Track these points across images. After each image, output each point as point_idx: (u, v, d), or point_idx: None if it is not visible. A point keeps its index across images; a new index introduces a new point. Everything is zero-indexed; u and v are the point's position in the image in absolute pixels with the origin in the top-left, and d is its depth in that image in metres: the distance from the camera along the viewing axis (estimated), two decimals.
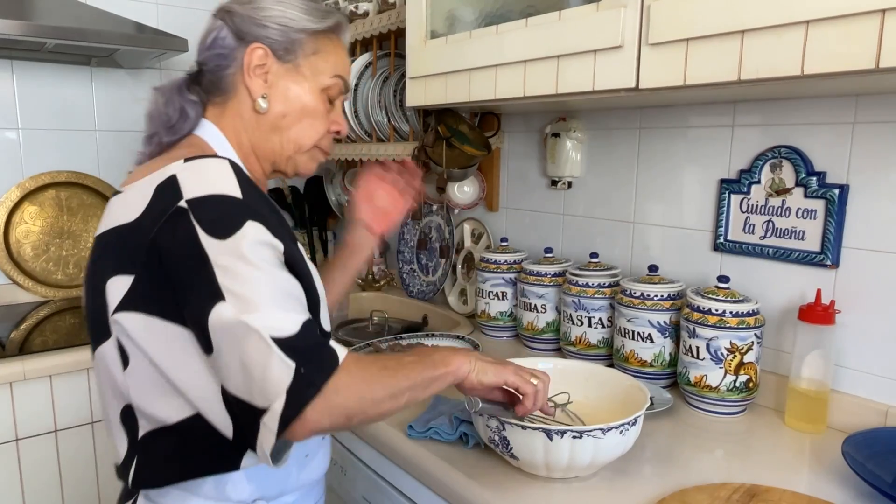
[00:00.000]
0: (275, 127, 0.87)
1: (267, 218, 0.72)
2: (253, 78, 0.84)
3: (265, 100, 0.85)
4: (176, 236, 0.69)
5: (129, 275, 0.72)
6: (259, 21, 0.84)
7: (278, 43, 0.85)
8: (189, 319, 0.70)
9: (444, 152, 1.57)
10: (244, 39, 0.84)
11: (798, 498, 0.84)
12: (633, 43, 0.96)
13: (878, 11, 0.71)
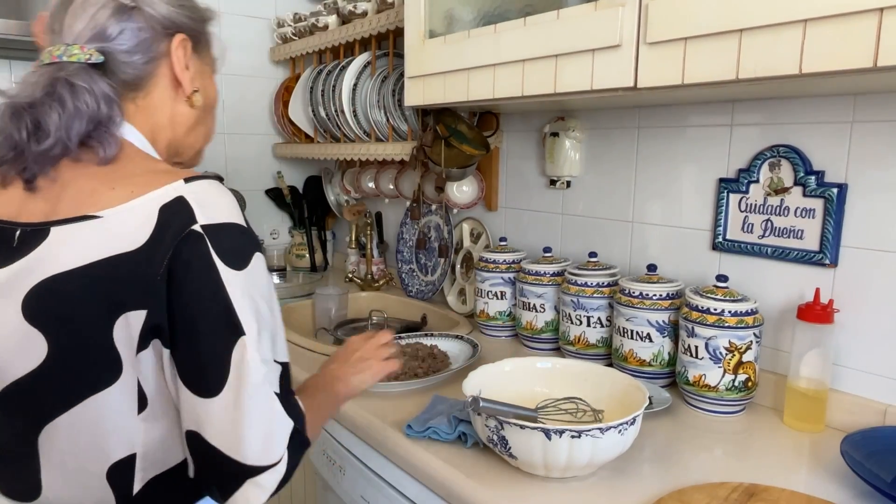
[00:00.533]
0: (198, 121, 0.84)
1: (261, 246, 0.72)
2: (183, 73, 0.79)
3: (198, 95, 0.81)
4: (191, 264, 0.64)
5: (142, 309, 0.64)
6: (178, 10, 0.78)
7: (196, 33, 0.81)
8: (198, 354, 0.65)
9: (442, 152, 1.57)
10: (165, 30, 0.77)
11: (797, 497, 0.84)
12: (631, 42, 0.96)
13: (875, 10, 0.71)
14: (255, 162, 2.35)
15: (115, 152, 0.71)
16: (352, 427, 1.16)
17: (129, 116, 0.76)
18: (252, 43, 2.27)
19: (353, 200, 2.28)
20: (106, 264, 0.64)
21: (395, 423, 1.08)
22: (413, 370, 1.28)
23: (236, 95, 2.25)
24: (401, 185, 1.94)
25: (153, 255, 0.64)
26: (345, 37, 1.84)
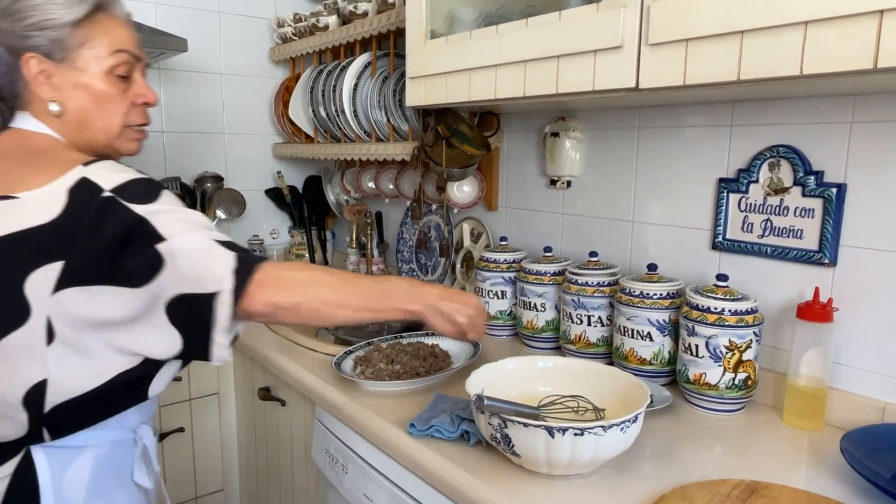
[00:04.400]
0: (80, 122, 0.94)
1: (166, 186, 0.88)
2: (39, 86, 0.90)
3: (55, 103, 0.91)
4: (111, 217, 0.81)
5: (56, 262, 0.80)
6: (21, 32, 0.88)
7: (47, 46, 0.89)
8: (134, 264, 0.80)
9: (443, 152, 1.57)
10: (17, 53, 0.88)
11: (797, 494, 0.85)
12: (632, 43, 0.96)
13: (876, 12, 0.71)
14: (254, 162, 2.35)
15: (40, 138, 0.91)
16: (354, 426, 1.17)
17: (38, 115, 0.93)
18: (252, 43, 2.27)
19: (353, 200, 2.29)
20: (22, 234, 0.81)
21: (398, 422, 1.09)
22: (415, 369, 1.29)
23: (236, 95, 2.25)
24: (401, 184, 1.95)
25: (68, 223, 0.81)
26: (345, 37, 1.85)
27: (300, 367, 1.39)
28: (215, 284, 0.81)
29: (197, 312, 0.81)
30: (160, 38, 1.73)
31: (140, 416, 0.98)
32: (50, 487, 0.87)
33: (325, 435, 1.30)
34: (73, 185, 0.82)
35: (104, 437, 0.92)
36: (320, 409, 1.32)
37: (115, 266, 0.80)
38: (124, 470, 0.96)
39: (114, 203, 0.81)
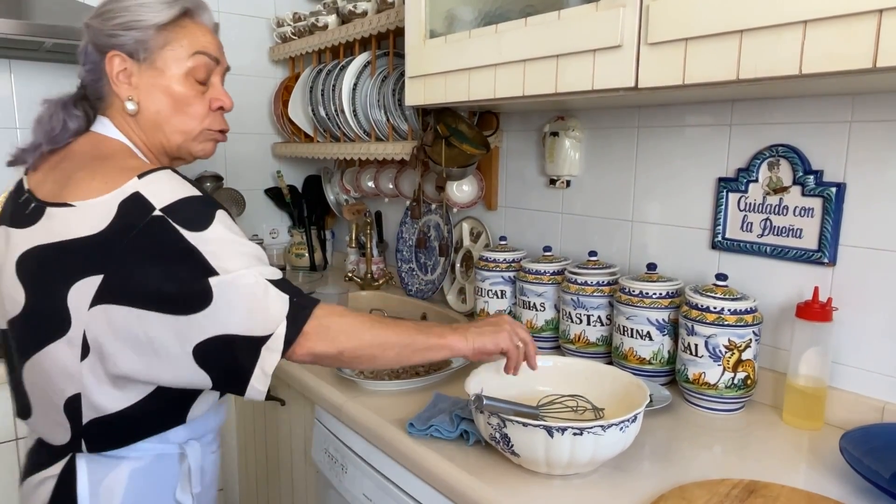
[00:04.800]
0: (155, 124, 0.95)
1: (220, 204, 0.86)
2: (119, 84, 0.92)
3: (132, 101, 0.93)
4: (158, 239, 0.79)
5: (97, 275, 0.79)
6: (109, 31, 0.91)
7: (131, 46, 0.91)
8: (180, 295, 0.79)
9: (443, 151, 1.57)
10: (103, 51, 0.92)
11: (796, 493, 0.85)
12: (632, 42, 0.96)
13: (875, 11, 0.71)
14: (254, 161, 2.35)
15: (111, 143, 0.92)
16: (354, 425, 1.17)
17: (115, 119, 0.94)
18: (251, 42, 2.27)
19: (353, 200, 2.29)
20: (72, 244, 0.81)
21: (397, 422, 1.09)
22: (414, 369, 1.29)
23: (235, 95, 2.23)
24: (400, 184, 1.95)
25: (113, 237, 0.79)
26: (344, 36, 1.85)
27: (300, 366, 1.39)
28: (265, 328, 0.80)
29: (235, 353, 0.80)
30: None
31: (188, 432, 0.95)
32: (87, 495, 0.88)
33: (325, 434, 1.30)
34: (125, 198, 0.81)
35: (145, 450, 0.91)
36: (320, 409, 1.32)
37: (157, 291, 0.79)
38: (166, 486, 0.93)
39: (163, 224, 0.80)
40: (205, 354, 0.80)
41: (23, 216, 0.87)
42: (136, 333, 0.80)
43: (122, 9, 0.91)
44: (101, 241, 0.80)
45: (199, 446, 0.96)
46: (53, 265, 0.82)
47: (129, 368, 0.82)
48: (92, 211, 0.81)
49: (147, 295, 0.79)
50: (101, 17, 0.92)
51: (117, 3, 0.92)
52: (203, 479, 0.98)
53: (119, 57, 0.91)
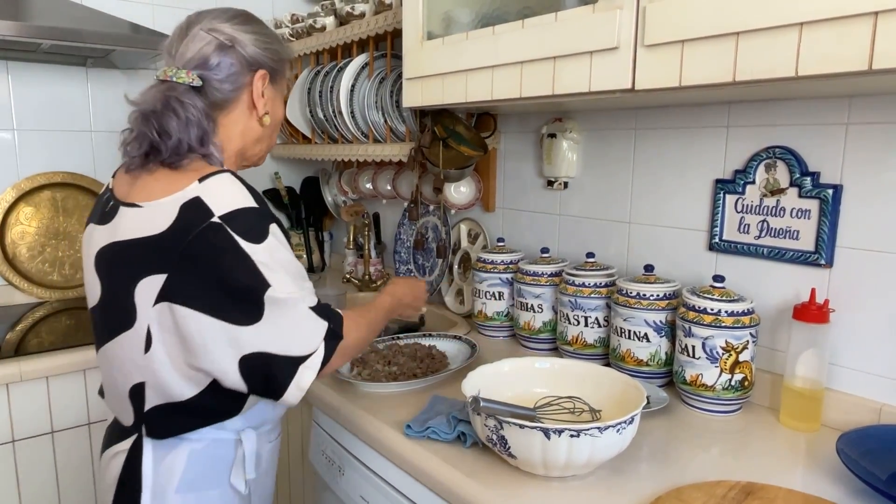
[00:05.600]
0: (263, 136, 1.07)
1: (274, 217, 0.92)
2: (259, 100, 1.02)
3: (268, 116, 1.04)
4: (216, 245, 0.85)
5: (161, 274, 0.86)
6: (262, 52, 1.01)
7: (273, 69, 1.03)
8: (233, 304, 0.86)
9: (440, 153, 1.57)
10: (250, 66, 1.00)
11: (793, 495, 0.85)
12: (628, 44, 0.96)
13: (870, 14, 0.71)
14: None
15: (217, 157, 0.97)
16: (351, 427, 1.17)
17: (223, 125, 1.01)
18: None
19: (351, 201, 2.29)
20: (138, 242, 0.88)
21: (395, 424, 1.09)
22: (412, 370, 1.28)
23: None
24: (398, 185, 1.95)
25: (174, 239, 0.85)
26: (342, 38, 1.85)
27: None
28: (304, 349, 0.90)
29: (273, 370, 0.88)
30: (156, 38, 1.73)
31: (244, 421, 1.00)
32: (150, 471, 0.96)
33: (322, 437, 1.30)
34: (186, 201, 0.87)
35: (203, 434, 0.97)
36: (317, 411, 1.32)
37: (213, 296, 0.85)
38: (221, 470, 0.99)
39: (223, 232, 0.85)
40: (248, 365, 0.88)
41: (103, 214, 0.96)
42: (193, 334, 0.86)
43: (266, 36, 1.03)
44: (163, 241, 0.86)
45: (255, 435, 1.01)
46: (122, 262, 0.90)
47: (185, 364, 0.89)
48: (156, 211, 0.88)
49: (204, 299, 0.85)
50: (256, 35, 1.01)
51: (262, 29, 1.03)
52: (259, 465, 1.04)
53: (265, 77, 1.02)
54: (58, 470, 1.54)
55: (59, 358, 1.50)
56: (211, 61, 0.96)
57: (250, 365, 0.88)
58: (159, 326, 0.88)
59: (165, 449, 0.96)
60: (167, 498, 0.96)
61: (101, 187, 2.06)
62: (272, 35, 1.05)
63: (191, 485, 0.97)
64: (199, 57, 0.96)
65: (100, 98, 2.06)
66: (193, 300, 0.86)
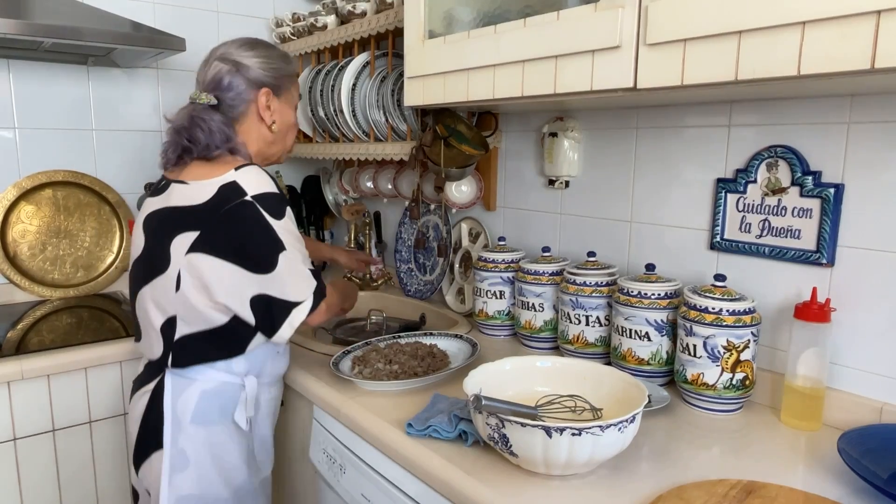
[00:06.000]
0: (276, 140, 1.32)
1: (289, 202, 1.19)
2: (265, 112, 1.27)
3: (275, 124, 1.29)
4: (248, 215, 1.12)
5: (195, 231, 1.12)
6: (264, 72, 1.26)
7: (275, 85, 1.27)
8: (254, 257, 1.12)
9: (441, 152, 1.57)
10: (254, 85, 1.25)
11: (794, 494, 0.85)
12: (630, 43, 0.96)
13: (873, 13, 0.71)
14: None
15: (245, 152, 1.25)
16: (352, 426, 1.17)
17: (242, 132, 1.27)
18: None
19: (352, 200, 2.29)
20: (179, 209, 1.15)
21: (396, 422, 1.09)
22: (413, 369, 1.29)
23: None
24: (399, 184, 1.95)
25: (212, 209, 1.12)
26: (344, 37, 1.85)
27: (298, 367, 1.39)
28: (298, 297, 1.15)
29: (273, 309, 1.14)
30: (158, 37, 1.73)
31: (247, 366, 1.22)
32: (170, 405, 1.18)
33: (323, 435, 1.30)
34: (225, 183, 1.13)
35: (213, 376, 1.19)
36: (318, 409, 1.32)
37: (239, 249, 1.11)
38: (227, 407, 1.21)
39: (254, 207, 1.12)
40: (256, 303, 1.13)
41: (157, 190, 1.23)
42: (215, 276, 1.11)
43: (270, 58, 1.27)
44: (202, 209, 1.12)
45: (255, 381, 1.24)
46: (167, 222, 1.16)
47: (207, 299, 1.13)
48: (199, 188, 1.14)
49: (230, 251, 1.11)
50: (258, 59, 1.25)
51: (267, 52, 1.27)
52: (258, 410, 1.27)
53: (268, 93, 1.26)
54: (59, 468, 1.54)
55: (60, 356, 1.50)
56: (223, 83, 1.23)
57: (257, 303, 1.13)
58: (187, 271, 1.12)
59: (182, 387, 1.18)
60: (183, 427, 1.18)
61: (101, 186, 2.06)
62: (275, 55, 1.28)
63: (202, 418, 1.19)
64: (214, 81, 1.24)
65: (101, 97, 2.06)
66: (219, 251, 1.11)
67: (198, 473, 1.19)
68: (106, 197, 2.07)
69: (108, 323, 1.75)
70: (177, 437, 1.18)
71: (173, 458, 1.18)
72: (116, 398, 1.60)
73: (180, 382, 1.19)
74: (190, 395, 1.18)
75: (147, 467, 1.20)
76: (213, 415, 1.20)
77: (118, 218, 2.10)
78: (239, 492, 1.24)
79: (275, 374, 1.30)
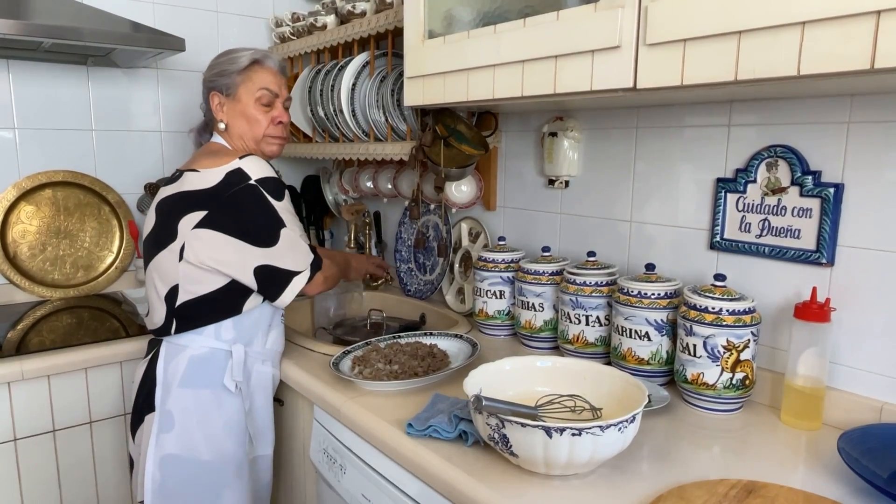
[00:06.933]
0: (238, 135, 1.42)
1: (286, 186, 1.35)
2: (217, 112, 1.41)
3: (222, 122, 1.42)
4: (252, 196, 1.27)
5: (203, 211, 1.26)
6: (211, 79, 1.41)
7: (223, 86, 1.40)
8: (258, 233, 1.26)
9: (441, 151, 1.57)
10: (208, 91, 1.42)
11: (795, 493, 0.85)
12: (630, 43, 0.96)
13: (873, 13, 0.71)
14: None
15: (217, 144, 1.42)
16: (352, 426, 1.17)
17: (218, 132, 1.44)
18: (250, 43, 2.27)
19: (352, 200, 2.29)
20: (190, 193, 1.28)
21: (396, 422, 1.09)
22: (413, 369, 1.29)
23: None
24: (399, 184, 1.95)
25: (219, 190, 1.26)
26: (343, 37, 1.85)
27: (298, 367, 1.39)
28: (297, 267, 1.30)
29: (275, 277, 1.28)
30: (158, 37, 1.73)
31: (235, 334, 1.33)
32: (162, 371, 1.30)
33: (324, 435, 1.30)
34: (231, 169, 1.27)
35: (202, 342, 1.31)
36: (318, 409, 1.32)
37: (243, 226, 1.25)
38: (215, 373, 1.31)
39: (257, 189, 1.27)
40: (260, 272, 1.27)
41: (170, 179, 1.36)
42: (219, 247, 1.25)
43: (217, 63, 1.41)
44: (210, 191, 1.26)
45: (243, 349, 1.33)
46: (178, 204, 1.28)
47: (207, 267, 1.25)
48: (209, 174, 1.28)
49: (236, 228, 1.25)
50: (208, 70, 1.42)
51: (216, 60, 1.41)
52: (248, 379, 1.36)
53: (217, 95, 1.40)
54: (59, 468, 1.54)
55: (60, 357, 1.50)
56: (202, 97, 1.45)
57: (261, 272, 1.27)
58: (191, 242, 1.25)
59: (173, 354, 1.30)
60: (172, 391, 1.29)
61: (101, 186, 2.07)
62: (223, 59, 1.40)
63: (190, 381, 1.29)
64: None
65: (101, 97, 2.06)
66: (225, 228, 1.25)
67: (182, 434, 1.27)
68: (106, 197, 2.07)
69: (109, 323, 1.75)
70: (165, 399, 1.28)
71: (161, 418, 1.27)
72: (117, 398, 1.60)
73: (172, 349, 1.31)
74: (180, 360, 1.30)
75: (140, 432, 1.30)
76: (202, 379, 1.30)
77: (118, 218, 2.10)
78: (225, 459, 1.31)
79: (266, 347, 1.39)
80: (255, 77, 1.39)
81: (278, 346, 1.44)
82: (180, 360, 1.30)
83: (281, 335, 1.44)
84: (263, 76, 1.41)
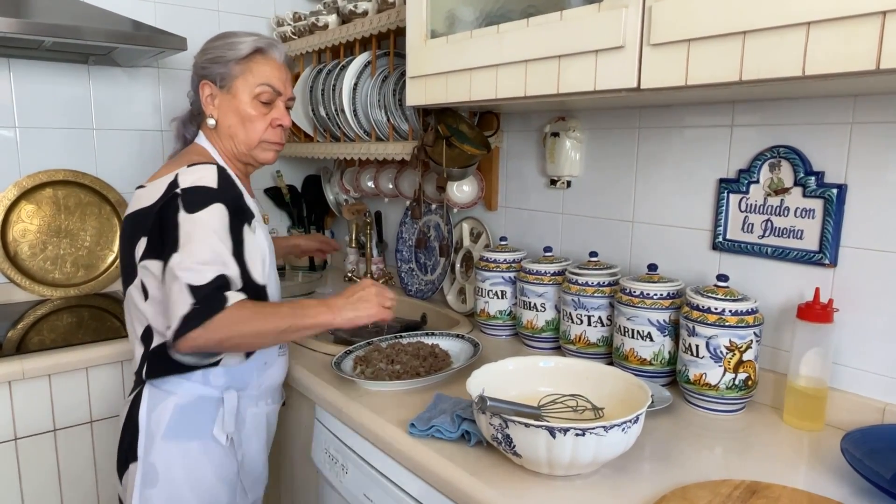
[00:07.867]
0: (228, 135, 1.21)
1: (231, 202, 1.09)
2: (207, 105, 1.20)
3: (212, 118, 1.21)
4: (168, 210, 1.05)
5: (144, 236, 1.08)
6: (203, 65, 1.20)
7: (217, 76, 1.19)
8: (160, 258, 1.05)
9: (443, 151, 1.57)
10: (199, 79, 1.20)
11: (798, 494, 0.85)
12: (634, 43, 0.96)
13: (878, 13, 0.71)
14: None
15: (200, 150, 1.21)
16: (354, 426, 1.17)
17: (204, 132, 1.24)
18: None
19: (353, 199, 2.29)
20: (139, 213, 1.10)
21: (398, 422, 1.09)
22: (415, 369, 1.28)
23: None
24: (400, 184, 1.95)
25: (156, 207, 1.06)
26: (345, 36, 1.84)
27: (300, 366, 1.39)
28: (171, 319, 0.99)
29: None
30: (158, 36, 1.72)
31: (226, 380, 1.16)
32: (145, 418, 1.13)
33: (325, 435, 1.30)
34: (171, 181, 1.08)
35: (189, 389, 1.14)
36: (320, 409, 1.32)
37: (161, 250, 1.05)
38: (203, 423, 1.15)
39: (174, 201, 1.05)
40: None
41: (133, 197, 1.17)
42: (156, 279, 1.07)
43: (213, 48, 1.19)
44: (150, 210, 1.08)
45: (236, 395, 1.17)
46: (127, 230, 1.13)
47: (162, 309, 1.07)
48: (153, 189, 1.10)
49: (161, 252, 1.05)
50: (201, 53, 1.20)
51: (211, 44, 1.20)
52: (242, 425, 1.20)
53: (208, 85, 1.19)
54: (60, 468, 1.54)
55: (61, 356, 1.50)
56: (191, 85, 1.24)
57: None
58: (147, 281, 1.09)
59: (157, 400, 1.14)
60: (156, 442, 1.13)
61: (102, 185, 2.06)
62: (220, 44, 1.19)
63: (175, 433, 1.13)
64: None
65: (102, 96, 2.05)
66: (162, 254, 1.05)
67: (168, 490, 1.13)
68: (106, 196, 2.07)
69: (109, 322, 1.75)
70: (149, 450, 1.13)
71: (144, 471, 1.13)
72: (117, 398, 1.60)
73: (157, 394, 1.14)
74: (164, 408, 1.13)
75: (126, 477, 1.17)
76: (188, 431, 1.14)
77: (119, 217, 2.09)
78: None
79: (264, 386, 1.23)
80: (257, 69, 1.18)
81: (279, 377, 1.28)
82: (164, 409, 1.13)
83: (281, 367, 1.28)
84: (266, 69, 1.19)
